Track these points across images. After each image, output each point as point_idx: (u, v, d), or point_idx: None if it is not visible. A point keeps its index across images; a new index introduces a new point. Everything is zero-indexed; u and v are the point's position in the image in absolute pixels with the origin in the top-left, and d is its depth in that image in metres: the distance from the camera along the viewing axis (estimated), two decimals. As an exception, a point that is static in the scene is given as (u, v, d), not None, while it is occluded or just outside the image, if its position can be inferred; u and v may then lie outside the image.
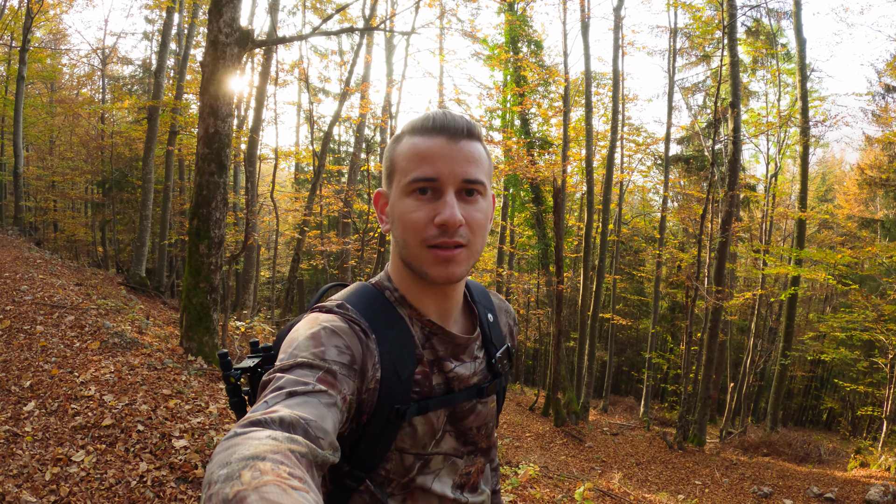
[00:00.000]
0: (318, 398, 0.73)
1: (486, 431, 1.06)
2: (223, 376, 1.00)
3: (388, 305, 0.96)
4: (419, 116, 0.94)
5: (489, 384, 1.03)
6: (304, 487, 0.53)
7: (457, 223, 0.87)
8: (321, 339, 0.82)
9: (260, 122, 13.69)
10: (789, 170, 24.48)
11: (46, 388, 4.69)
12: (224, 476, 0.53)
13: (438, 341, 0.97)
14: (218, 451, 0.58)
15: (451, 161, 0.89)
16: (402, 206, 0.91)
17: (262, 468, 0.53)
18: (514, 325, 1.19)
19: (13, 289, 7.75)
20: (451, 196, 0.88)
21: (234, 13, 6.40)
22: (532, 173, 14.34)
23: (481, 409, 1.03)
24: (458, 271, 0.90)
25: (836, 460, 12.23)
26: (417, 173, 0.89)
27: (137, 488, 3.50)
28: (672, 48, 17.89)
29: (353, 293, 0.97)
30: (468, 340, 1.00)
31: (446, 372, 0.97)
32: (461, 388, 0.98)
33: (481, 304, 1.09)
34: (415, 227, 0.89)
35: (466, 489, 1.03)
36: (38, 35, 19.84)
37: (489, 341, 1.05)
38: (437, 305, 0.98)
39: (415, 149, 0.91)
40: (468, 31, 18.72)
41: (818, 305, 25.24)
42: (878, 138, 16.46)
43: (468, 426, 1.02)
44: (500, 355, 1.05)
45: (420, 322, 0.97)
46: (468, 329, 1.05)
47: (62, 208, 22.00)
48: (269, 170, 19.46)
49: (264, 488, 0.50)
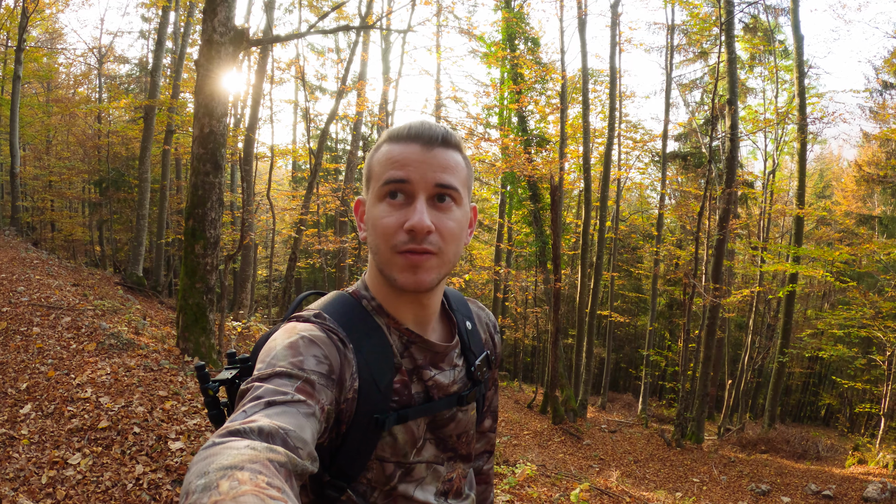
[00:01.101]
0: (296, 408, 0.72)
1: (467, 439, 1.05)
2: (201, 389, 0.99)
3: (366, 314, 0.95)
4: (398, 125, 0.95)
5: (469, 392, 1.03)
6: (282, 497, 0.53)
7: (424, 229, 0.86)
8: (299, 349, 0.82)
9: (256, 120, 13.66)
10: (787, 166, 24.52)
11: (43, 391, 4.68)
12: (202, 486, 0.52)
13: (417, 350, 0.97)
14: (196, 461, 0.58)
15: (424, 166, 0.89)
16: (374, 211, 0.92)
17: (240, 478, 0.53)
18: (495, 332, 1.19)
19: (9, 290, 7.73)
20: (422, 202, 0.88)
21: (229, 12, 6.38)
22: (529, 171, 14.33)
23: (461, 417, 1.03)
24: (426, 279, 0.89)
25: (834, 457, 12.26)
26: (388, 175, 0.89)
27: (133, 491, 3.49)
28: (669, 45, 17.85)
29: (330, 302, 0.96)
30: (447, 348, 1.00)
31: (425, 380, 0.96)
32: (441, 396, 0.98)
33: (459, 311, 1.09)
34: (385, 231, 0.89)
35: (451, 495, 1.03)
36: (34, 34, 19.79)
37: (468, 349, 1.05)
38: (414, 313, 0.98)
39: (389, 154, 0.91)
40: (465, 28, 18.73)
41: (816, 302, 25.27)
42: (875, 135, 16.48)
43: (448, 434, 1.01)
44: (479, 363, 1.05)
45: (398, 330, 0.96)
46: (447, 337, 1.05)
47: (59, 208, 21.93)
48: (265, 168, 19.42)
49: (242, 498, 0.50)
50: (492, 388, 1.19)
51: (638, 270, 25.20)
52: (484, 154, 16.57)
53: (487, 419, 1.23)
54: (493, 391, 1.20)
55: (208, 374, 0.99)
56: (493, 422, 1.24)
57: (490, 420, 1.23)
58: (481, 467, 1.27)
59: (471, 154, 16.65)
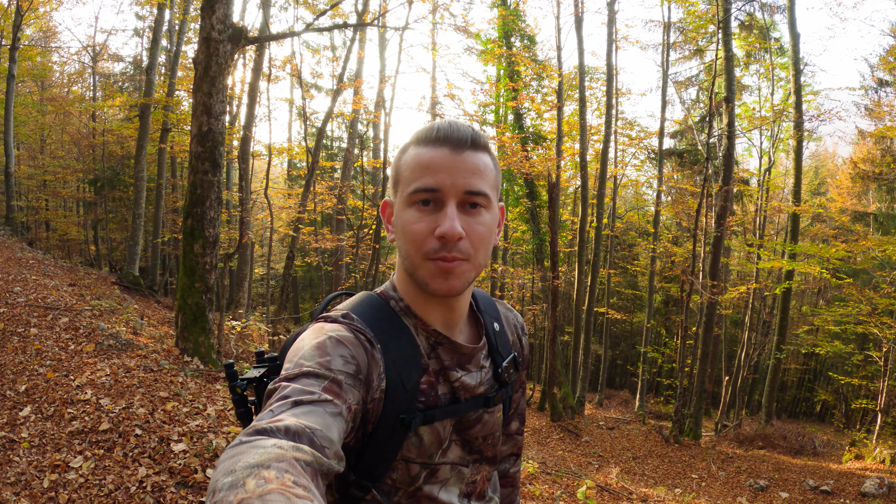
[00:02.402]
0: (323, 407, 0.72)
1: (493, 441, 1.05)
2: (229, 387, 0.99)
3: (394, 315, 0.95)
4: (425, 126, 0.93)
5: (496, 394, 1.02)
6: (308, 496, 0.53)
7: (455, 236, 0.86)
8: (327, 349, 0.82)
9: (253, 118, 13.62)
10: (783, 164, 24.57)
11: (42, 393, 4.65)
12: (228, 484, 0.53)
13: (444, 351, 0.97)
14: (223, 459, 0.58)
15: (454, 172, 0.88)
16: (404, 216, 0.91)
17: (266, 476, 0.53)
18: (523, 333, 1.18)
19: (6, 290, 7.68)
20: (452, 208, 0.87)
21: (227, 9, 6.34)
22: (526, 168, 14.33)
23: (488, 419, 1.02)
24: (457, 284, 0.90)
25: (831, 452, 12.32)
26: (418, 184, 0.88)
27: (137, 494, 3.47)
28: (665, 42, 17.85)
29: (358, 303, 0.97)
30: (474, 350, 1.00)
31: (452, 381, 0.96)
32: (467, 397, 0.98)
33: (487, 313, 1.08)
34: (415, 238, 0.89)
35: (473, 497, 1.03)
36: (27, 33, 19.63)
37: (495, 350, 1.05)
38: (443, 315, 0.98)
39: (418, 159, 0.90)
40: (461, 25, 18.64)
41: (812, 298, 25.39)
42: (870, 132, 16.52)
43: (474, 435, 1.01)
44: (506, 364, 1.05)
45: (425, 332, 0.96)
46: (474, 339, 1.04)
47: (54, 207, 21.83)
48: (262, 166, 19.35)
49: (268, 496, 0.50)
50: (519, 391, 1.18)
51: (634, 267, 25.26)
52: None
53: (514, 421, 1.22)
54: (520, 393, 1.19)
55: (236, 372, 0.99)
56: (520, 424, 1.23)
57: (517, 422, 1.23)
58: (507, 470, 1.26)
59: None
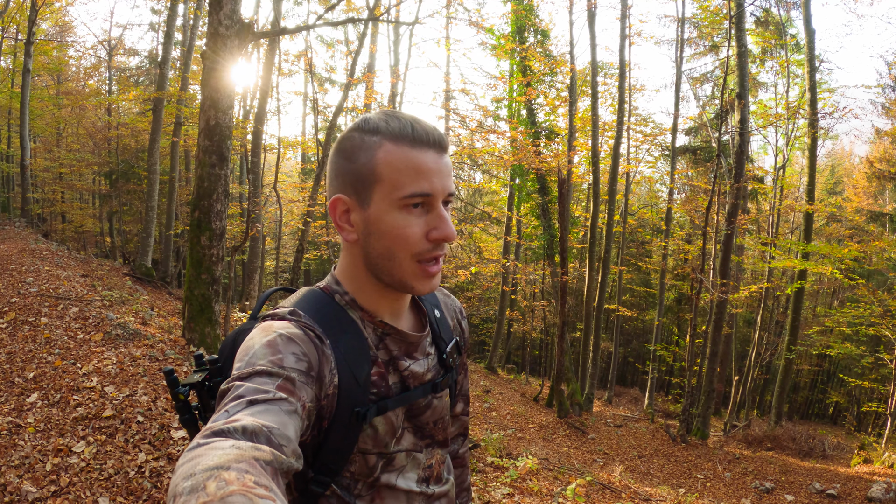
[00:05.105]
0: (278, 406, 0.73)
1: (443, 425, 1.07)
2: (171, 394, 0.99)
3: (339, 309, 0.96)
4: (393, 120, 0.90)
5: (442, 379, 1.05)
6: (270, 496, 0.53)
7: (454, 238, 0.90)
8: (278, 347, 0.82)
9: (265, 112, 13.69)
10: (798, 162, 24.26)
11: (49, 380, 4.74)
12: (189, 488, 0.53)
13: (392, 341, 0.98)
14: (181, 463, 0.58)
15: (441, 176, 0.90)
16: (393, 219, 0.89)
17: (226, 478, 0.53)
18: (462, 317, 1.21)
19: (19, 281, 7.82)
20: (446, 212, 0.90)
21: (235, 5, 6.38)
22: (538, 164, 14.29)
23: (437, 404, 1.05)
24: (437, 283, 0.94)
25: (840, 455, 12.19)
26: (415, 189, 0.88)
27: (136, 479, 3.54)
28: (680, 38, 17.67)
29: (302, 299, 0.97)
30: (419, 338, 1.02)
31: (401, 370, 0.98)
32: (416, 385, 1.00)
33: (427, 301, 1.11)
34: (408, 241, 0.89)
35: (432, 481, 1.05)
36: (43, 27, 19.87)
37: (439, 337, 1.08)
38: (391, 307, 1.00)
39: (409, 161, 0.88)
40: (475, 20, 18.56)
41: (825, 299, 25.09)
42: (887, 131, 16.29)
43: (425, 421, 1.03)
44: (450, 350, 1.08)
45: (372, 323, 0.97)
46: (417, 326, 1.07)
47: (69, 199, 22.14)
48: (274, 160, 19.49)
49: (230, 498, 0.50)
50: (462, 373, 1.21)
51: (646, 265, 25.09)
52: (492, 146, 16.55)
53: (460, 403, 1.25)
54: (463, 375, 1.22)
55: (178, 379, 0.99)
56: (465, 405, 1.26)
57: (462, 403, 1.26)
58: (457, 451, 1.29)
59: (480, 146, 16.66)
